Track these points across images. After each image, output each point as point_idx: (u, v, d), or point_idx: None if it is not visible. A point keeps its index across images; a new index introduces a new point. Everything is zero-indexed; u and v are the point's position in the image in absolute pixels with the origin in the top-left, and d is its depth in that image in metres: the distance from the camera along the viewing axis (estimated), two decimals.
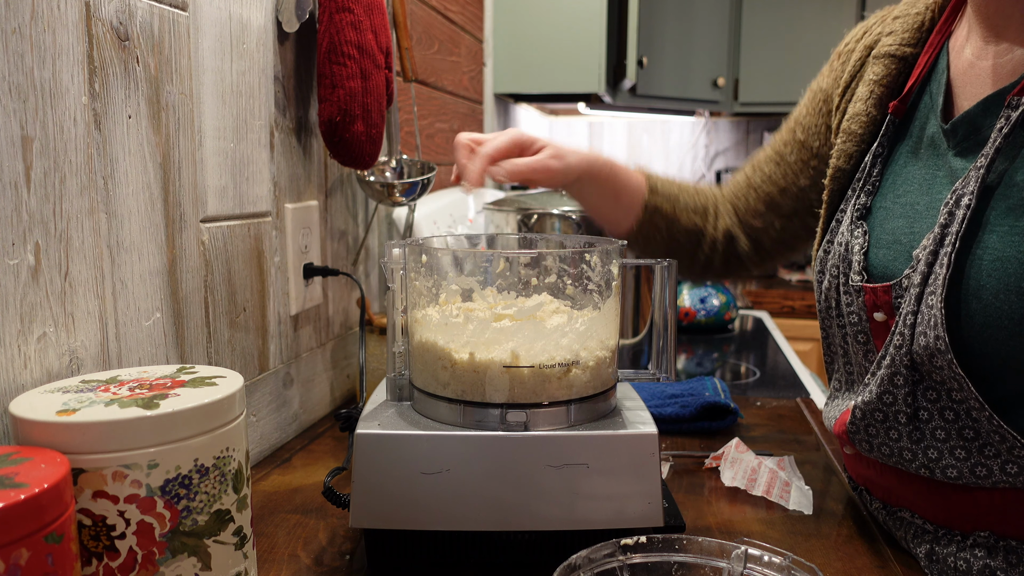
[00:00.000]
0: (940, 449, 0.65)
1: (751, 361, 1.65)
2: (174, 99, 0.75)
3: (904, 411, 0.67)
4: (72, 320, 0.63)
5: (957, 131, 0.68)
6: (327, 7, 0.95)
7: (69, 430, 0.49)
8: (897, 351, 0.66)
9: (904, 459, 0.68)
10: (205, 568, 0.54)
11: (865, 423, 0.70)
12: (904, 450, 0.68)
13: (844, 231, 0.75)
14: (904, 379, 0.66)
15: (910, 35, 0.76)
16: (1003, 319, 0.61)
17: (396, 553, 0.68)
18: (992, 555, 0.65)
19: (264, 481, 0.89)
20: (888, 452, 0.69)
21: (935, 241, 0.64)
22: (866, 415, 0.69)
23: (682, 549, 0.58)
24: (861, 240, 0.72)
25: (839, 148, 0.80)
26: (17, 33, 0.57)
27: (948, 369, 0.62)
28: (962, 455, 0.64)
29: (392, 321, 0.73)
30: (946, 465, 0.65)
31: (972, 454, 0.64)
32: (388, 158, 1.18)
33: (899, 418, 0.67)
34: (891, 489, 0.74)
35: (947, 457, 0.65)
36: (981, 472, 0.64)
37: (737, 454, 0.92)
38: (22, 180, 0.58)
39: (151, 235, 0.73)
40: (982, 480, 0.64)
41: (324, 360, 1.12)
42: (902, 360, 0.65)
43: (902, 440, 0.68)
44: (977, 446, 0.64)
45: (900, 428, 0.67)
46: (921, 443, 0.66)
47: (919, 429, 0.66)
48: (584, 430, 0.66)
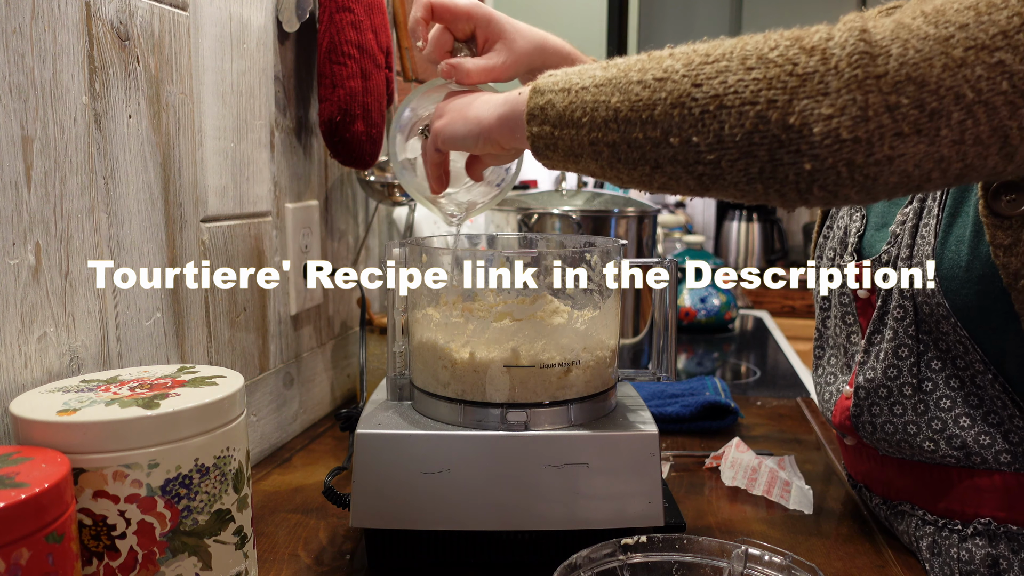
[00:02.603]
0: (945, 420, 0.67)
1: (751, 361, 1.65)
2: (174, 99, 0.75)
3: (910, 382, 0.68)
4: (72, 320, 0.63)
5: None
6: (327, 7, 0.95)
7: (70, 430, 0.49)
8: (899, 323, 0.68)
9: (908, 434, 0.69)
10: (205, 568, 0.54)
11: (869, 402, 0.71)
12: (909, 424, 0.69)
13: (844, 215, 0.78)
14: (909, 350, 0.68)
15: None
16: (955, 269, 0.64)
17: (396, 553, 0.68)
18: (994, 543, 0.65)
19: (264, 481, 0.89)
20: (892, 430, 0.70)
21: (915, 215, 0.67)
22: (870, 393, 0.71)
23: (683, 549, 0.58)
24: (859, 223, 0.75)
25: None
26: (17, 33, 0.57)
27: (954, 333, 0.65)
28: (966, 423, 0.66)
29: (392, 321, 0.73)
30: (951, 435, 0.66)
31: (976, 422, 0.65)
32: (388, 158, 1.18)
33: (904, 391, 0.69)
34: (891, 481, 0.74)
35: (952, 427, 0.66)
36: (985, 440, 0.65)
37: (737, 454, 0.92)
38: (22, 180, 0.58)
39: (151, 235, 0.73)
40: (985, 450, 0.65)
41: (324, 360, 1.12)
42: (906, 331, 0.68)
43: (907, 414, 0.69)
44: (981, 413, 0.65)
45: (905, 402, 0.69)
46: (926, 415, 0.68)
47: (924, 401, 0.68)
48: (584, 430, 0.66)
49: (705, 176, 0.51)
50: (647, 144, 0.52)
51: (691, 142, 0.49)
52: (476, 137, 0.64)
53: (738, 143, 0.48)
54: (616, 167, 0.55)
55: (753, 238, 3.11)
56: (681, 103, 0.49)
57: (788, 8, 2.74)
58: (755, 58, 0.48)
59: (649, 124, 0.51)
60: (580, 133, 0.55)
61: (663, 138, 0.50)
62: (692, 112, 0.49)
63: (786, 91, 0.46)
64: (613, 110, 0.53)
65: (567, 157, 0.57)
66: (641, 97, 0.51)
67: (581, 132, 0.55)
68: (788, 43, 0.48)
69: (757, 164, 0.48)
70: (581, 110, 0.54)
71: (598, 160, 0.55)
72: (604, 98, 0.53)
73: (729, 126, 0.48)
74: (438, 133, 0.67)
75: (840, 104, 0.45)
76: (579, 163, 0.57)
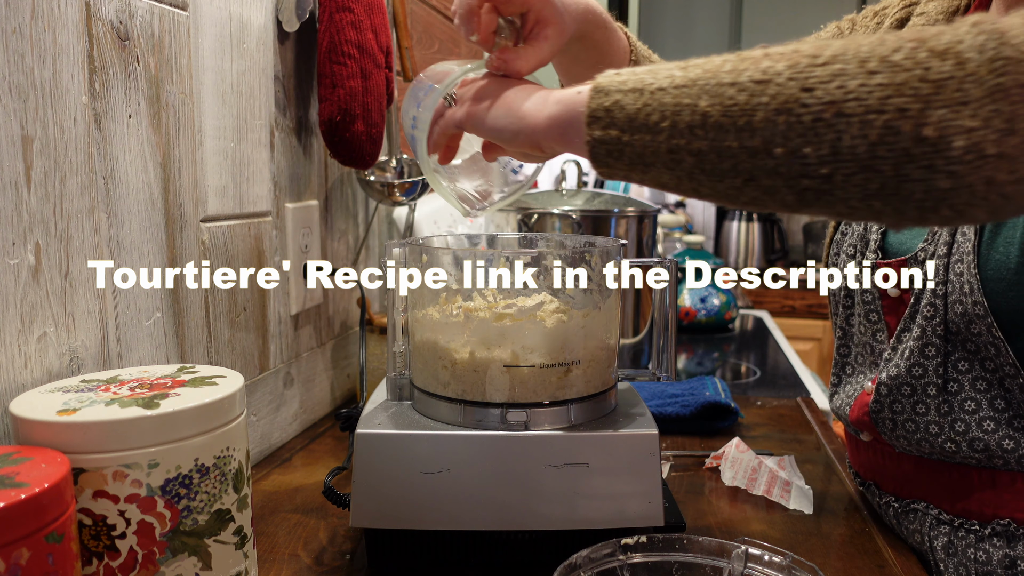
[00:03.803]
0: (968, 422, 0.66)
1: (751, 361, 1.65)
2: (174, 99, 0.75)
3: (935, 382, 0.67)
4: (72, 320, 0.63)
5: None
6: (327, 6, 0.95)
7: (70, 430, 0.49)
8: (928, 322, 0.66)
9: (930, 434, 0.68)
10: (205, 568, 0.54)
11: (891, 399, 0.70)
12: (931, 424, 0.68)
13: None
14: (936, 349, 0.67)
15: (944, 17, 0.75)
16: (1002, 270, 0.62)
17: (396, 553, 0.68)
18: (1012, 544, 0.65)
19: (264, 481, 0.89)
20: (913, 428, 0.69)
21: None
22: (892, 390, 0.70)
23: (683, 549, 0.58)
24: None
25: None
26: (17, 33, 0.57)
27: (987, 334, 0.63)
28: (991, 427, 0.65)
29: (392, 321, 0.73)
30: (973, 438, 0.65)
31: (1001, 425, 0.64)
32: (388, 158, 1.18)
33: (928, 390, 0.68)
34: (906, 479, 0.74)
35: (975, 429, 0.65)
36: (1008, 445, 0.64)
37: (737, 454, 0.92)
38: (22, 180, 0.58)
39: (151, 235, 0.73)
40: (1008, 454, 0.64)
41: (324, 360, 1.12)
42: (934, 330, 0.66)
43: (930, 413, 0.68)
44: (1007, 417, 0.64)
45: (929, 401, 0.68)
46: (949, 416, 0.67)
47: (948, 402, 0.67)
48: (584, 430, 0.66)
49: (809, 191, 0.45)
50: (742, 153, 0.46)
51: (799, 153, 0.44)
52: (516, 133, 0.58)
53: (859, 156, 0.43)
54: (697, 178, 0.49)
55: (753, 238, 3.11)
56: (788, 109, 0.44)
57: (788, 8, 2.75)
58: (876, 60, 0.43)
59: (747, 131, 0.46)
60: (657, 139, 0.49)
61: (764, 147, 0.45)
62: (802, 120, 0.44)
63: (919, 99, 0.41)
64: (701, 114, 0.47)
65: (633, 166, 0.51)
66: (737, 101, 0.46)
67: (658, 138, 0.49)
68: (913, 45, 0.42)
69: (878, 179, 0.43)
70: (659, 113, 0.49)
71: (675, 169, 0.49)
72: (690, 101, 0.48)
73: (850, 136, 0.43)
74: (472, 116, 0.61)
75: (984, 115, 0.40)
76: (648, 173, 0.51)
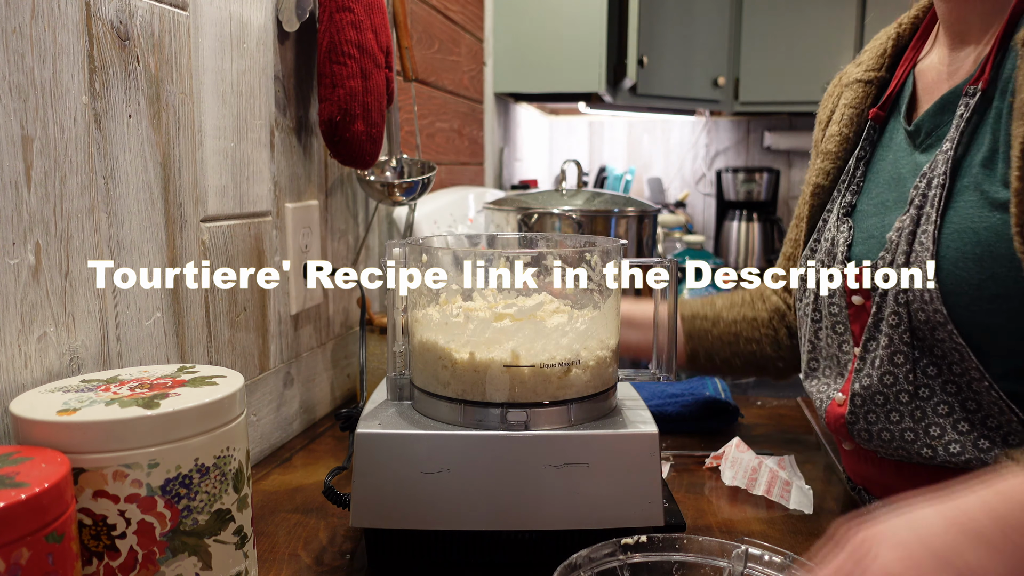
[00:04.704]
0: (943, 425, 0.67)
1: None
2: (174, 98, 0.75)
3: (906, 389, 0.68)
4: (72, 320, 0.63)
5: (920, 130, 0.74)
6: (327, 6, 0.95)
7: (70, 430, 0.49)
8: (894, 330, 0.68)
9: (906, 441, 0.69)
10: (205, 567, 0.54)
11: (865, 410, 0.71)
12: (906, 431, 0.69)
13: (831, 227, 0.79)
14: (905, 356, 0.68)
15: (874, 61, 0.83)
16: (963, 285, 0.64)
17: (396, 553, 0.68)
18: None
19: (264, 480, 0.89)
20: (889, 437, 0.70)
21: (912, 221, 0.68)
22: (866, 400, 0.71)
23: (683, 548, 0.58)
24: (846, 234, 0.77)
25: (818, 167, 0.85)
26: (17, 32, 0.57)
27: (950, 340, 0.65)
28: (965, 428, 0.66)
29: (392, 321, 0.73)
30: (949, 441, 0.66)
31: (975, 427, 0.65)
32: (388, 157, 1.18)
33: (901, 398, 0.69)
34: (890, 485, 0.74)
35: (950, 432, 0.66)
36: (984, 445, 0.65)
37: (737, 453, 0.92)
38: (22, 179, 0.58)
39: (151, 235, 0.73)
40: (985, 454, 0.65)
41: (324, 359, 1.12)
42: (900, 338, 0.68)
43: (904, 421, 0.69)
44: (979, 418, 0.65)
45: (902, 408, 0.69)
46: (923, 422, 0.68)
47: (920, 408, 0.68)
48: (584, 429, 0.66)
49: None
50: None
51: None
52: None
53: None
54: None
55: (753, 238, 3.11)
56: None
57: (788, 9, 2.75)
58: None
59: None
60: None
61: None
62: None
63: None
64: None
65: None
66: None
67: None
68: None
69: None
70: None
71: None
72: None
73: None
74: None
75: None
76: None
